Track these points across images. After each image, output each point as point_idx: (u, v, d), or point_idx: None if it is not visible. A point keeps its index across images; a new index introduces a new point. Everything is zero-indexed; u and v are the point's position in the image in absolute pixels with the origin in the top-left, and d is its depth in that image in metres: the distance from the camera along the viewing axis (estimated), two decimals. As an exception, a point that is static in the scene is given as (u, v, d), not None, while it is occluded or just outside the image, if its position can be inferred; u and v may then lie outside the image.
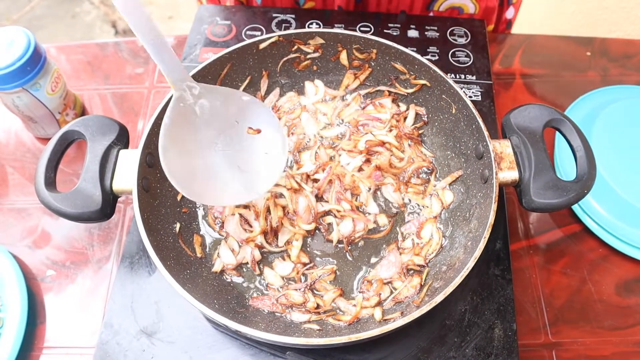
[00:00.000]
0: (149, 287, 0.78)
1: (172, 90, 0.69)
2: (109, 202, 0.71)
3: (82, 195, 0.70)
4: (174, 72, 0.68)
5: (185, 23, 1.07)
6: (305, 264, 0.78)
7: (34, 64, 0.87)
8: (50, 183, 0.70)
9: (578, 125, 0.74)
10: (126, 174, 0.72)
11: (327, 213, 0.82)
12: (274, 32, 0.86)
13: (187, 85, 0.70)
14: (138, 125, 1.00)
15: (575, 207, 0.89)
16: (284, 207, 0.81)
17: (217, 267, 0.78)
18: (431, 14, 1.12)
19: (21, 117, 0.94)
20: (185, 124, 0.71)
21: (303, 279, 0.78)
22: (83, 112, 1.02)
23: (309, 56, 0.91)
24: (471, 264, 0.64)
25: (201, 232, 0.82)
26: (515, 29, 1.23)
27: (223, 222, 0.82)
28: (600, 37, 1.13)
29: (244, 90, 0.91)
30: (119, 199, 0.76)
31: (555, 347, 0.79)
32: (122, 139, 0.75)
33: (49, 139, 0.98)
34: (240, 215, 0.81)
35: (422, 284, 0.75)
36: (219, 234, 0.82)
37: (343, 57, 0.91)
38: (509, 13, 1.15)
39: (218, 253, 0.79)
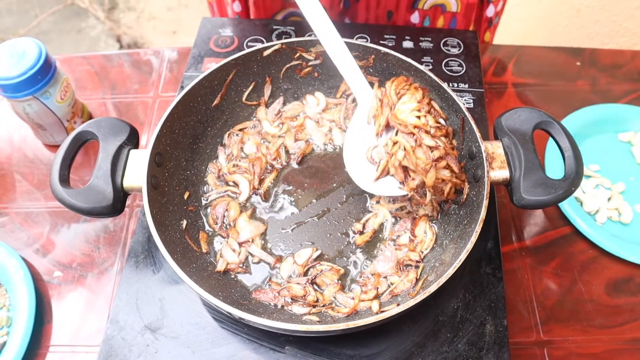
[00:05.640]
0: (153, 286, 0.80)
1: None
2: (120, 198, 0.74)
3: (94, 191, 0.73)
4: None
5: (189, 37, 1.11)
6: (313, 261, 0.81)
7: (45, 73, 0.90)
8: (65, 180, 0.73)
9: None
10: (136, 172, 0.76)
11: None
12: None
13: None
14: (143, 133, 1.03)
15: (565, 210, 0.92)
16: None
17: (220, 267, 0.80)
18: (416, 12, 1.16)
19: (31, 124, 0.97)
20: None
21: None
22: (90, 120, 1.05)
23: (310, 63, 0.95)
24: (463, 256, 0.67)
25: (207, 229, 0.85)
26: (509, 41, 1.27)
27: (223, 224, 0.85)
28: (590, 47, 1.17)
29: (249, 95, 0.95)
30: (126, 203, 0.79)
31: (547, 345, 0.81)
32: (133, 139, 0.79)
33: (57, 146, 1.01)
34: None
35: (418, 278, 0.78)
36: (220, 235, 0.84)
37: (343, 64, 0.94)
38: (489, 11, 1.18)
39: (220, 253, 0.82)
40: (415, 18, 1.17)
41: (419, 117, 0.77)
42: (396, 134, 0.78)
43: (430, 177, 0.74)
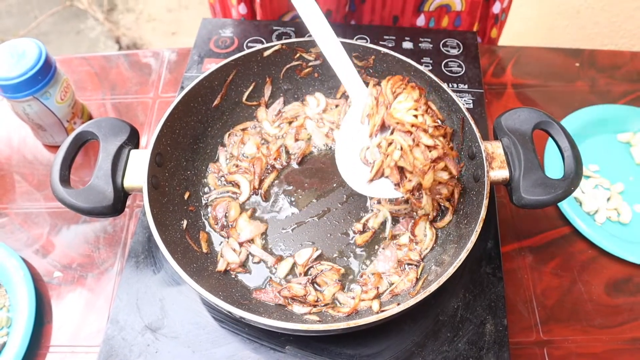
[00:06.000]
0: (153, 286, 0.80)
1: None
2: (120, 198, 0.75)
3: (95, 191, 0.73)
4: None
5: (189, 38, 1.11)
6: (313, 261, 0.82)
7: (45, 73, 0.90)
8: (65, 180, 0.74)
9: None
10: (136, 172, 0.76)
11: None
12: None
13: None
14: (143, 133, 1.03)
15: (565, 210, 0.92)
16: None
17: (221, 267, 0.81)
18: (422, 15, 1.16)
19: (31, 125, 0.97)
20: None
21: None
22: (90, 120, 1.06)
23: (310, 63, 0.95)
24: (463, 255, 0.67)
25: (207, 230, 0.85)
26: (509, 42, 1.27)
27: (224, 224, 0.85)
28: (589, 49, 1.17)
29: (249, 95, 0.95)
30: (127, 203, 0.79)
31: (547, 345, 0.81)
32: (133, 139, 0.79)
33: (57, 147, 1.01)
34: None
35: (418, 277, 0.78)
36: (220, 235, 0.85)
37: (343, 64, 0.95)
38: (495, 8, 1.18)
39: (221, 253, 0.83)
40: (420, 21, 1.18)
41: (416, 116, 0.74)
42: (391, 134, 0.75)
43: (428, 179, 0.72)
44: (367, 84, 0.83)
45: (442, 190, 0.76)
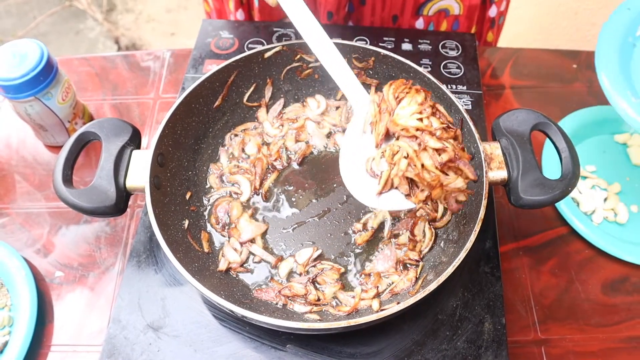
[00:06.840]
0: (155, 285, 0.81)
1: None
2: (123, 198, 0.75)
3: (97, 191, 0.74)
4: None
5: (187, 39, 1.11)
6: (313, 260, 0.82)
7: (47, 74, 0.90)
8: (68, 180, 0.74)
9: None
10: (139, 172, 0.77)
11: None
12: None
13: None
14: (144, 134, 1.03)
15: (562, 210, 0.93)
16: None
17: (222, 266, 0.81)
18: (420, 18, 1.17)
19: (32, 125, 0.98)
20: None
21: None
22: (91, 121, 1.06)
23: (310, 65, 0.96)
24: (463, 254, 0.68)
25: (208, 230, 0.86)
26: (507, 43, 1.28)
27: (226, 224, 0.86)
28: (587, 50, 1.18)
29: (250, 96, 0.96)
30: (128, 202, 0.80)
31: (545, 344, 0.82)
32: (135, 140, 0.80)
33: (58, 147, 1.02)
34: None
35: (417, 277, 0.79)
36: (221, 235, 0.85)
37: (343, 66, 0.95)
38: (492, 11, 1.19)
39: (222, 252, 0.83)
40: (419, 24, 1.18)
41: (421, 120, 0.67)
42: (397, 140, 0.70)
43: (437, 193, 0.66)
44: (368, 88, 0.82)
45: (459, 198, 0.71)
